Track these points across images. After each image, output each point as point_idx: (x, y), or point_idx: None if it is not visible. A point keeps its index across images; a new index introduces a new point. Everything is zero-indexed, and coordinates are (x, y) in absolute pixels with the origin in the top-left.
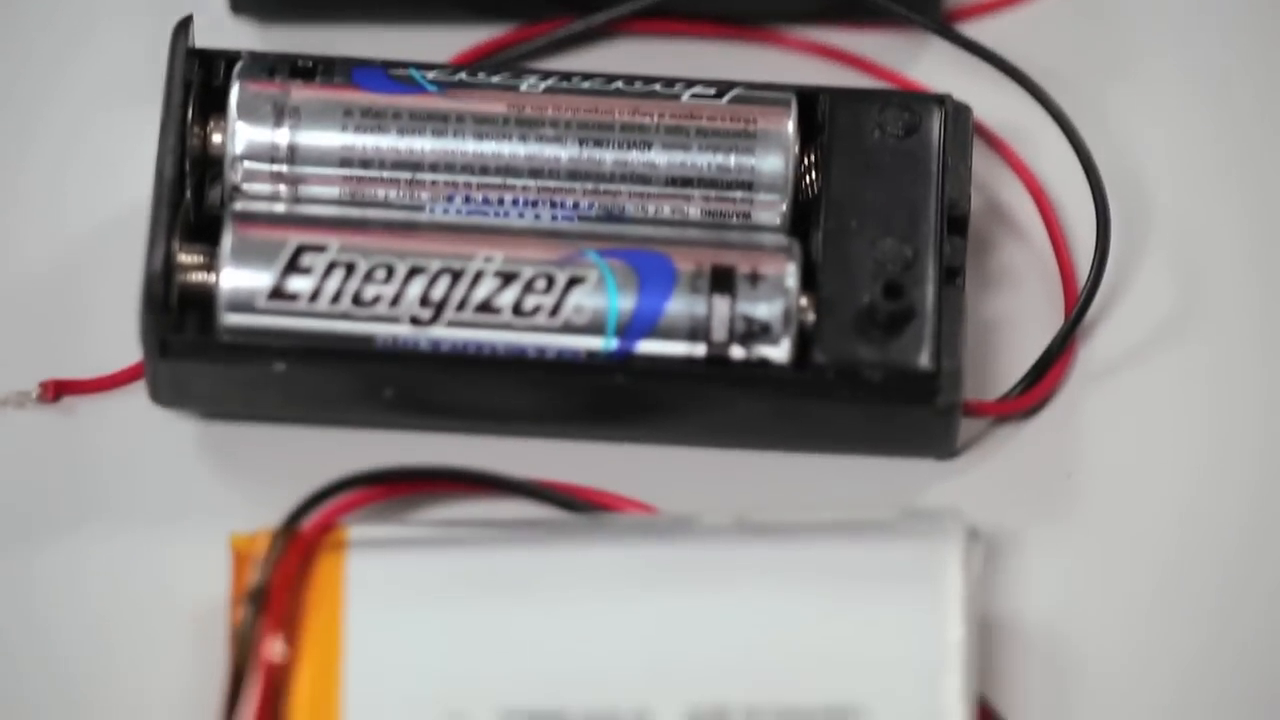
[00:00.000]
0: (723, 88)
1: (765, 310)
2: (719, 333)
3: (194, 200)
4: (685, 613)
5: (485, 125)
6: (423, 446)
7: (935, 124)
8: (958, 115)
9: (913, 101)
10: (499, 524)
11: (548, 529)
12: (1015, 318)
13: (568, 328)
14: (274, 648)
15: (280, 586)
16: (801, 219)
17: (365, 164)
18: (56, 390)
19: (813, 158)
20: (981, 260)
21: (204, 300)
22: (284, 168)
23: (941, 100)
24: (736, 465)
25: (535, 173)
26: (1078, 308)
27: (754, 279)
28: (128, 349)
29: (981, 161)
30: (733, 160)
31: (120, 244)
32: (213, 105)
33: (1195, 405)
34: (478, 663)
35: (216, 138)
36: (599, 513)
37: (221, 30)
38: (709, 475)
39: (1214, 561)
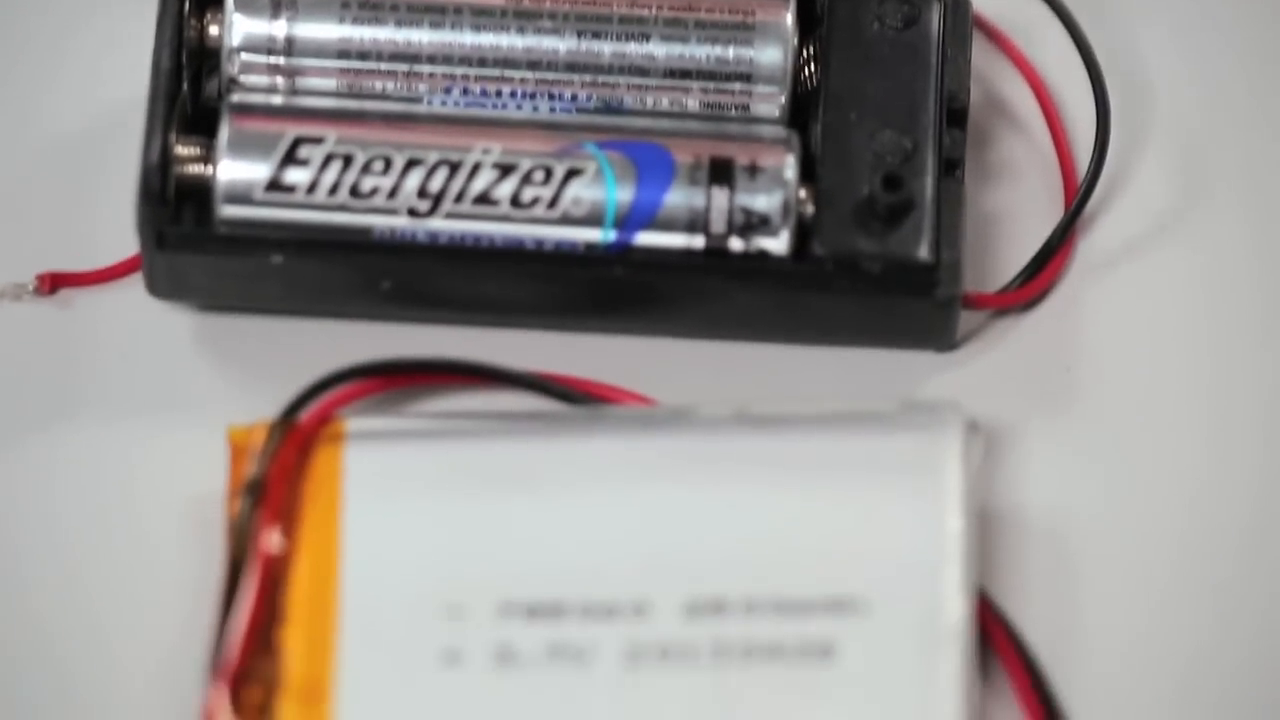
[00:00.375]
0: None
1: (764, 202)
2: (718, 225)
3: (191, 93)
4: (684, 504)
5: (483, 17)
6: (421, 339)
7: (934, 16)
8: (957, 7)
9: None
10: (497, 416)
11: (546, 421)
12: (1015, 211)
13: (566, 219)
14: (271, 540)
15: (278, 478)
16: (800, 111)
17: (363, 56)
18: (53, 283)
19: (811, 50)
20: (981, 153)
21: (201, 192)
22: (281, 60)
23: None
24: (735, 357)
25: (533, 65)
26: (1077, 200)
27: (753, 171)
28: (125, 241)
29: (981, 54)
30: (731, 52)
31: (117, 137)
32: None
33: (1195, 297)
34: (476, 555)
35: (213, 30)
36: (597, 405)
37: None
38: (708, 367)
39: (1214, 452)
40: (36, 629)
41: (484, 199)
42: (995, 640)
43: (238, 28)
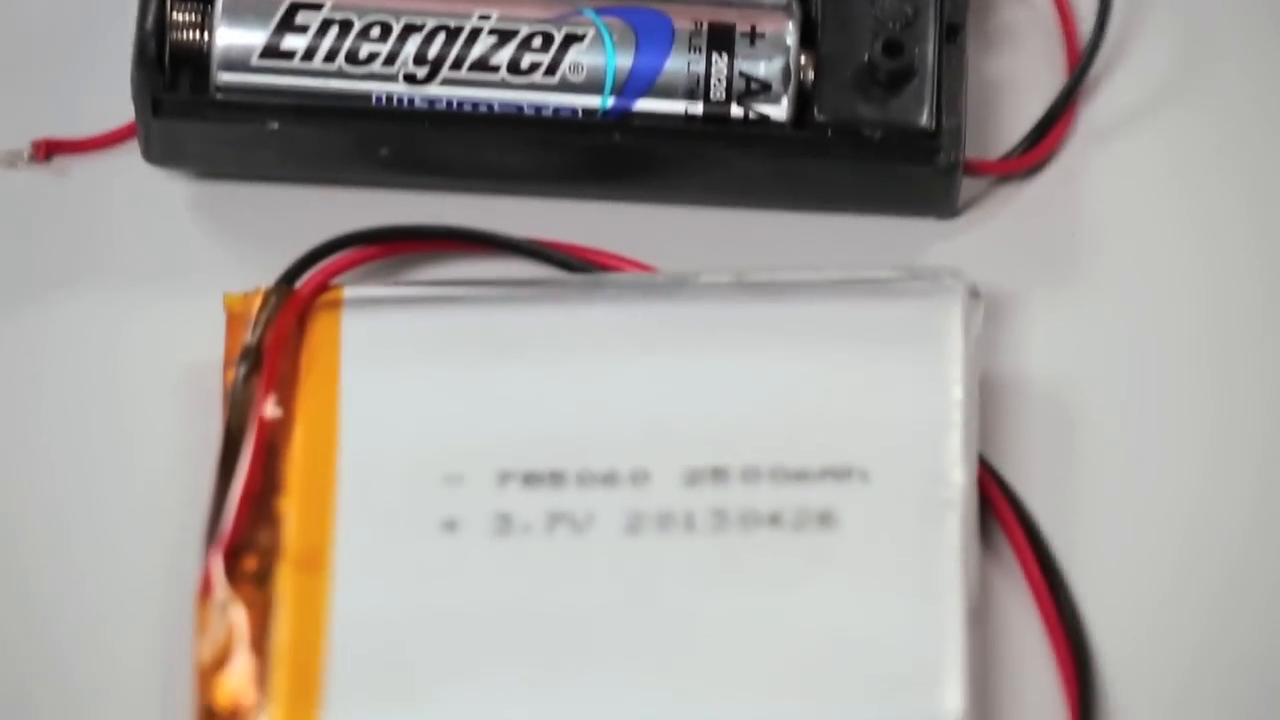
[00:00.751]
0: None
1: (764, 68)
2: (717, 91)
3: None
4: (683, 372)
5: None
6: (419, 206)
7: None
8: None
9: None
10: (496, 283)
11: (545, 288)
12: (1017, 77)
13: (565, 86)
14: (268, 407)
15: (275, 346)
16: None
17: None
18: (48, 149)
19: None
20: (983, 19)
21: (197, 58)
22: None
23: None
24: (736, 225)
25: None
26: (1080, 66)
27: (753, 36)
28: (121, 108)
29: None
30: None
31: (113, 2)
32: None
33: (1197, 163)
34: (474, 422)
35: None
36: (596, 272)
37: None
38: (708, 235)
39: (1215, 316)
40: (33, 497)
41: (482, 65)
42: (996, 506)
43: None
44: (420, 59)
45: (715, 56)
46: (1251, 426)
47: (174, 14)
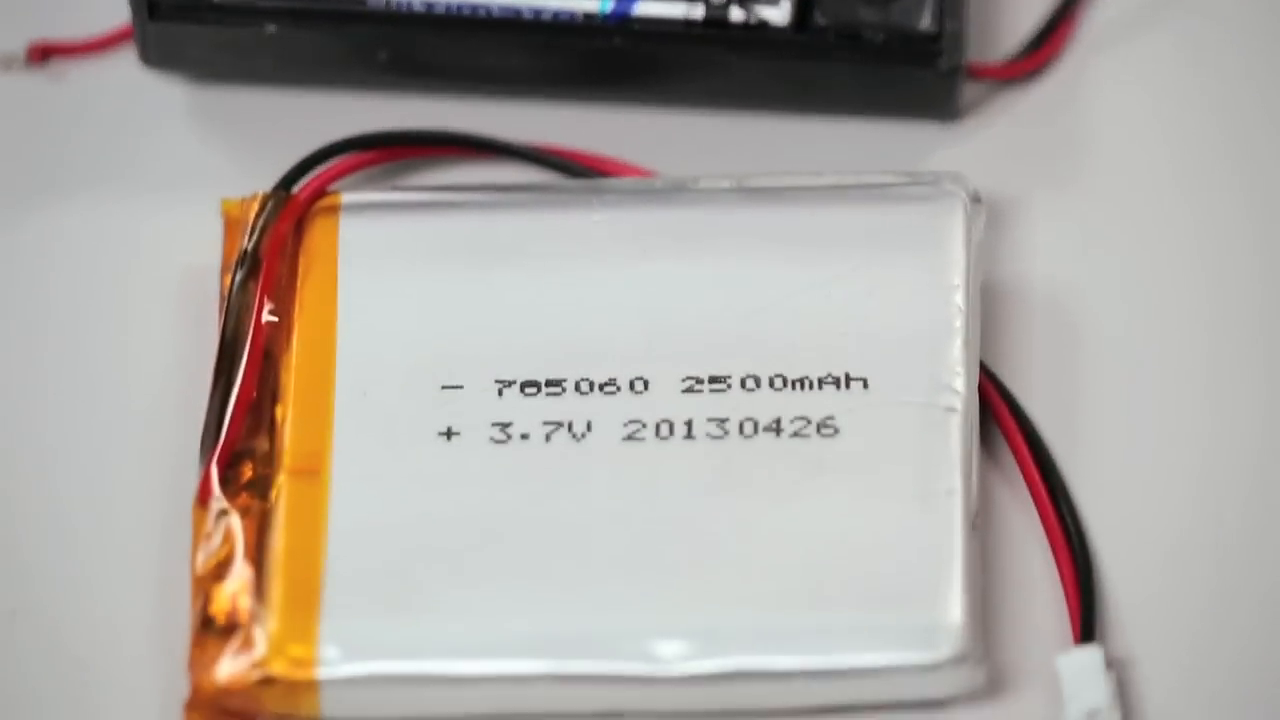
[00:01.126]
0: None
1: None
2: None
3: None
4: (683, 278)
5: None
6: (418, 111)
7: None
8: None
9: None
10: (495, 188)
11: (544, 193)
12: None
13: None
14: (266, 313)
15: (272, 251)
16: None
17: None
18: (43, 52)
19: None
20: None
21: None
22: None
23: None
24: (736, 130)
25: None
26: None
27: None
28: (117, 10)
29: None
30: None
31: None
32: None
33: (1202, 66)
34: (473, 331)
35: None
36: (596, 177)
37: None
38: (708, 140)
39: (1218, 221)
40: (28, 404)
41: None
42: (997, 413)
43: None
44: None
45: None
46: (1254, 330)
47: None
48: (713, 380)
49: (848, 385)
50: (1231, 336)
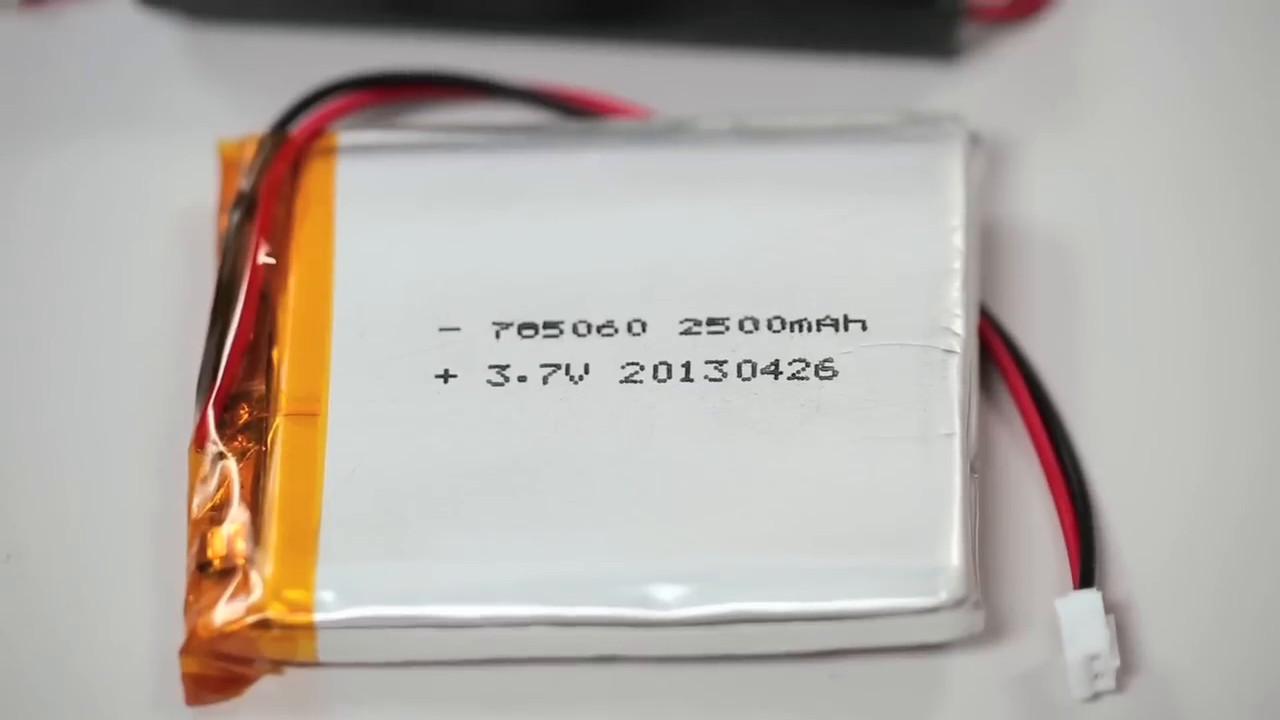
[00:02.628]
0: None
1: None
2: None
3: None
4: (680, 220)
5: None
6: (415, 51)
7: None
8: None
9: None
10: (492, 129)
11: (542, 133)
12: None
13: None
14: (262, 255)
15: (269, 193)
16: None
17: None
18: None
19: None
20: None
21: None
22: None
23: None
24: (735, 70)
25: None
26: None
27: None
28: None
29: None
30: None
31: None
32: None
33: (1203, 6)
34: (470, 272)
35: None
36: (593, 118)
37: None
38: (707, 79)
39: (1220, 161)
40: (22, 346)
41: None
42: (996, 356)
43: None
44: None
45: None
46: (1253, 270)
47: None
48: (711, 322)
49: (846, 327)
50: (1231, 277)
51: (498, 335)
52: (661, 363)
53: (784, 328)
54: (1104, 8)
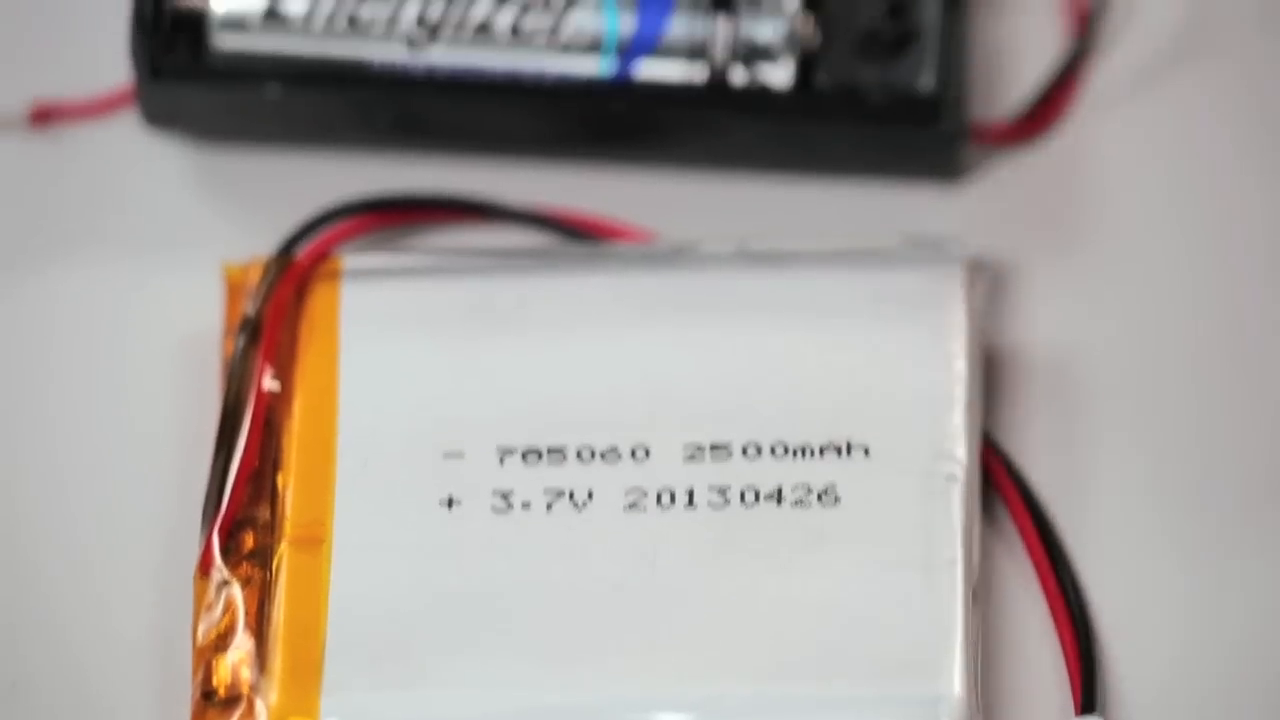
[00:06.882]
0: None
1: (767, 31)
2: (720, 54)
3: None
4: (684, 344)
5: None
6: (420, 172)
7: None
8: None
9: None
10: (496, 253)
11: (545, 257)
12: (1022, 41)
13: (566, 49)
14: (267, 380)
15: (274, 316)
16: None
17: None
18: (45, 112)
19: None
20: None
21: (195, 21)
22: None
23: None
24: (739, 192)
25: None
26: (1086, 30)
27: None
28: (118, 69)
29: None
30: None
31: None
32: None
33: (1205, 130)
34: (474, 397)
35: None
36: (597, 241)
37: None
38: (711, 202)
39: (1224, 289)
40: (30, 470)
41: (483, 29)
42: (999, 481)
43: None
44: (421, 22)
45: (718, 18)
46: (1260, 398)
47: None
48: (714, 448)
49: (849, 453)
50: (1237, 405)
51: (501, 461)
52: (665, 489)
53: (787, 453)
54: (1107, 130)
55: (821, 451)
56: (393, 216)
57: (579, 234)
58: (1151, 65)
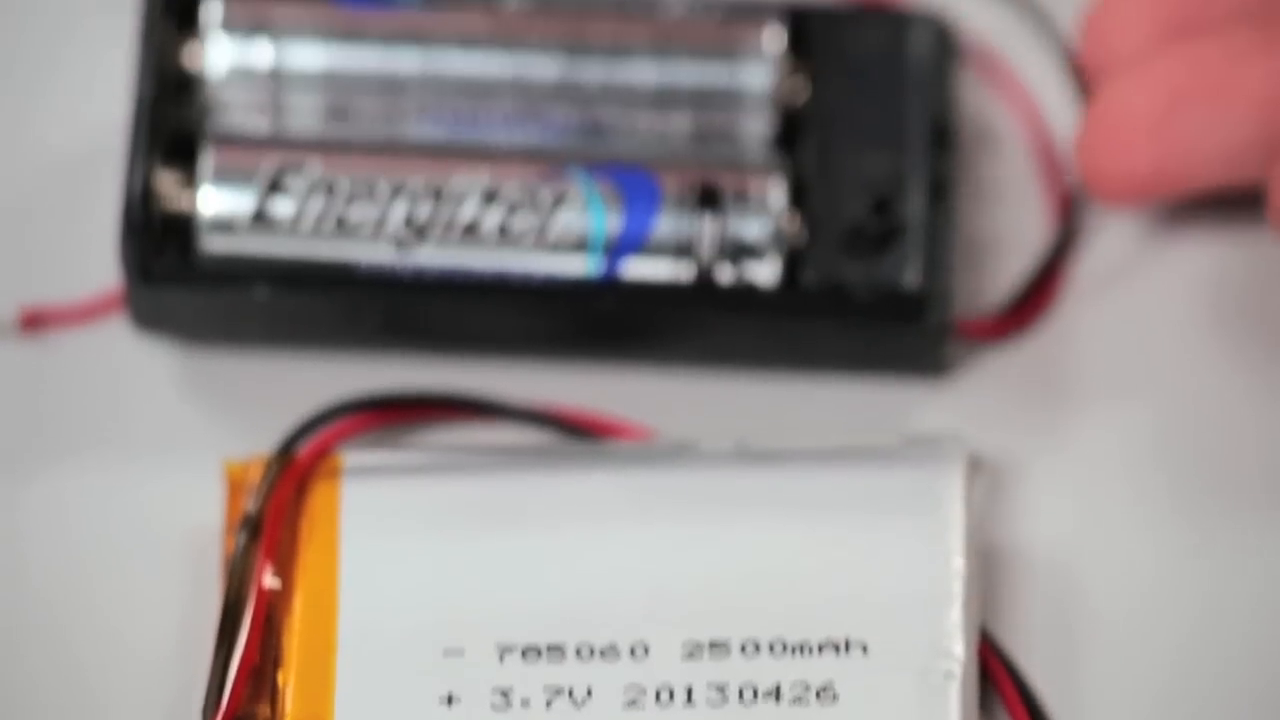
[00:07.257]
0: (708, 3)
1: (752, 229)
2: (706, 252)
3: (172, 121)
4: (683, 542)
5: (469, 42)
6: (417, 369)
7: (923, 40)
8: (944, 31)
9: (899, 18)
10: (495, 450)
11: (545, 455)
12: (1006, 234)
13: (553, 248)
14: (268, 578)
15: (275, 514)
16: (788, 136)
17: (347, 82)
18: (34, 317)
19: (800, 74)
20: (971, 175)
21: (183, 224)
22: (263, 86)
23: (928, 16)
24: (730, 388)
25: (518, 89)
26: (1069, 217)
27: (741, 197)
28: (107, 273)
29: (969, 76)
30: (718, 76)
31: (93, 166)
32: (190, 22)
33: (1195, 313)
34: (475, 594)
35: (195, 56)
36: (596, 439)
37: None
38: (703, 398)
39: (1227, 483)
40: (31, 671)
41: (471, 229)
42: (996, 679)
43: (219, 54)
44: (409, 223)
45: (703, 217)
46: (1258, 597)
47: (161, 179)
48: (713, 645)
49: (847, 650)
50: (1235, 602)
51: (501, 658)
52: (663, 687)
53: (785, 650)
54: (1091, 322)
55: (820, 649)
56: (392, 414)
57: (578, 431)
58: (1132, 258)
